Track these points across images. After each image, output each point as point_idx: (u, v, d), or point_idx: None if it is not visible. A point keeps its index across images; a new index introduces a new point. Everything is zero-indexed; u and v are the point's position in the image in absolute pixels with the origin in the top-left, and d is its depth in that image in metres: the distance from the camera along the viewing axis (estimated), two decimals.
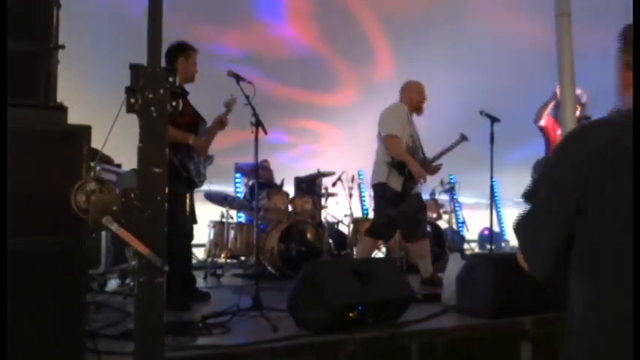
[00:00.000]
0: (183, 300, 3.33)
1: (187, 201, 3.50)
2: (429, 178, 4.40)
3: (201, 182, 3.59)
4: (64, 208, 1.62)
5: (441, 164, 4.37)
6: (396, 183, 4.10)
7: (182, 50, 3.47)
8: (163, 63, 3.55)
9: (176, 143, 3.31)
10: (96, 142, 2.24)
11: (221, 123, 3.57)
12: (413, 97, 4.29)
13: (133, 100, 1.62)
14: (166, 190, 1.61)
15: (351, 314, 2.49)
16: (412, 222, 4.18)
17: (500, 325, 2.78)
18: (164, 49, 3.45)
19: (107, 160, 4.58)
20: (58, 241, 1.71)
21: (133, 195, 1.56)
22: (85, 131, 1.88)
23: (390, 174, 4.09)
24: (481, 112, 4.49)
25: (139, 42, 1.68)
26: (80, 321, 1.84)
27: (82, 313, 1.88)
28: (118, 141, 2.08)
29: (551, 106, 4.81)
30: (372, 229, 4.35)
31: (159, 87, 1.62)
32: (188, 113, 3.42)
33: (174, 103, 1.68)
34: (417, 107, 4.31)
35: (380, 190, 4.24)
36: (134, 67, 1.62)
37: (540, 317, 2.87)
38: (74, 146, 1.88)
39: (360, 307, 2.50)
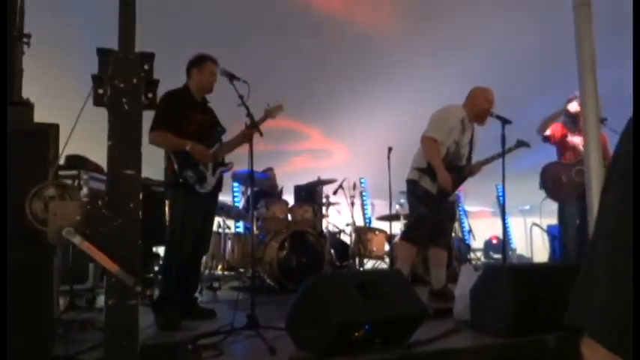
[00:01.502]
0: (175, 318, 3.08)
1: (192, 209, 3.28)
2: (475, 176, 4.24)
3: (206, 190, 3.40)
4: (22, 218, 1.38)
5: (481, 166, 4.12)
6: (430, 184, 3.94)
7: (196, 62, 3.52)
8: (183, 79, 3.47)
9: (177, 150, 3.30)
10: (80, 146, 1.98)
11: (245, 136, 3.40)
12: (478, 104, 4.06)
13: (101, 91, 1.39)
14: (140, 197, 1.37)
15: (356, 334, 2.23)
16: (437, 226, 4.02)
17: (521, 343, 2.52)
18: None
19: (96, 168, 4.35)
20: (16, 255, 1.46)
21: (100, 202, 1.32)
22: (52, 130, 1.65)
23: (422, 178, 3.98)
24: (491, 114, 4.25)
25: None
26: (44, 347, 1.59)
27: (47, 338, 1.63)
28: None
29: (560, 118, 4.62)
30: (406, 232, 4.19)
31: (132, 75, 1.39)
32: (195, 122, 3.41)
33: (150, 95, 1.45)
34: (479, 115, 4.07)
35: (410, 187, 4.08)
36: (102, 53, 1.38)
37: (565, 334, 2.61)
38: (41, 147, 1.65)
39: (366, 326, 2.25)
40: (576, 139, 4.66)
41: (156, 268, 4.54)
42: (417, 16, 7.02)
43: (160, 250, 4.03)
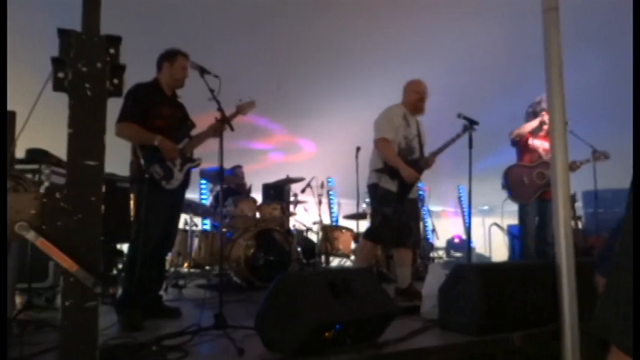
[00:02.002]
0: (138, 317, 2.97)
1: (158, 206, 3.16)
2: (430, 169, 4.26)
3: (172, 186, 3.29)
4: None
5: (435, 157, 4.15)
6: (389, 183, 4.01)
7: (167, 55, 3.43)
8: (154, 72, 3.36)
9: (145, 144, 3.19)
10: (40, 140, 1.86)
11: (213, 130, 3.35)
12: (410, 97, 4.24)
13: (61, 75, 1.29)
14: (103, 189, 1.28)
15: (327, 334, 2.19)
16: (403, 227, 4.04)
17: (489, 342, 2.53)
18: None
19: (58, 162, 4.16)
20: None
21: (58, 195, 1.23)
22: (8, 118, 1.53)
23: (382, 178, 4.04)
24: (459, 115, 4.28)
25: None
26: None
27: None
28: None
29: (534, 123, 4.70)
30: (370, 231, 4.18)
31: (96, 59, 1.29)
32: (163, 116, 3.32)
33: (116, 81, 1.36)
34: (415, 107, 4.21)
35: (372, 191, 4.13)
36: (63, 33, 1.29)
37: (530, 332, 2.65)
38: None
39: (337, 326, 2.20)
40: (537, 142, 4.77)
41: (120, 266, 4.38)
42: (384, 18, 7.04)
43: (124, 247, 3.88)
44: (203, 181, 7.53)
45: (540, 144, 4.74)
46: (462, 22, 7.02)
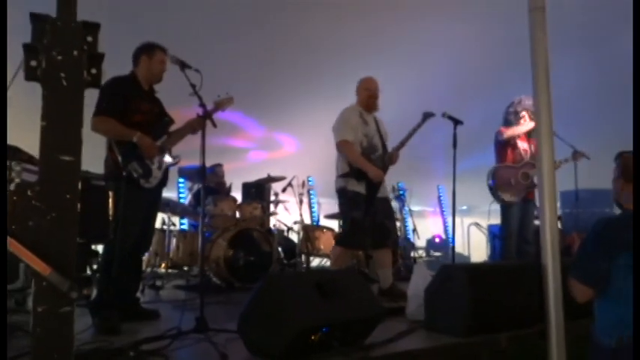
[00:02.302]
0: (115, 321, 2.85)
1: (136, 204, 3.05)
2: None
3: (151, 184, 3.18)
4: None
5: (398, 151, 4.15)
6: (357, 186, 3.96)
7: (145, 49, 3.31)
8: (130, 66, 3.20)
9: (122, 140, 3.06)
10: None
11: (192, 126, 3.27)
12: (362, 95, 4.22)
13: (34, 63, 1.19)
14: (79, 186, 1.19)
15: (313, 337, 2.12)
16: (380, 228, 4.00)
17: (476, 343, 2.50)
18: None
19: (30, 159, 4.00)
20: None
21: (30, 192, 1.14)
22: None
23: (349, 182, 3.99)
24: (443, 115, 4.28)
25: None
26: None
27: None
28: None
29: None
30: (341, 237, 4.17)
31: (72, 47, 1.20)
32: (142, 111, 3.19)
33: (93, 71, 1.27)
34: (367, 105, 4.19)
35: (341, 195, 4.08)
36: (37, 19, 1.19)
37: (516, 334, 2.63)
38: None
39: (324, 329, 2.14)
40: (519, 143, 4.77)
41: (94, 266, 4.24)
42: (367, 15, 7.01)
43: (99, 248, 3.75)
44: (181, 180, 7.38)
45: (520, 144, 4.75)
46: (445, 22, 7.04)
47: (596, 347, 1.96)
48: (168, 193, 6.42)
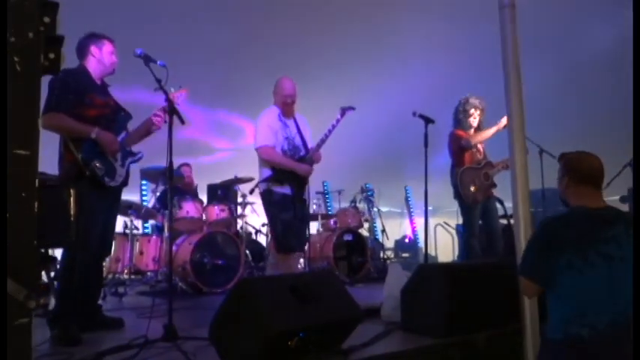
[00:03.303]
0: (75, 331, 2.68)
1: (98, 206, 2.88)
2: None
3: (116, 183, 3.01)
4: None
5: (319, 150, 4.04)
6: (282, 188, 3.88)
7: (92, 40, 3.08)
8: (76, 61, 2.98)
9: (79, 137, 2.85)
10: None
11: (152, 122, 3.08)
12: (277, 100, 4.09)
13: None
14: (36, 184, 1.07)
15: (290, 342, 2.03)
16: (294, 231, 3.90)
17: (453, 343, 2.46)
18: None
19: None
20: None
21: None
22: None
23: (272, 184, 3.88)
24: (414, 114, 4.25)
25: None
26: None
27: None
28: None
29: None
30: (279, 244, 3.93)
31: (27, 28, 1.08)
32: (97, 105, 2.98)
33: (52, 55, 1.14)
34: (283, 110, 4.04)
35: (266, 198, 3.95)
36: None
37: (493, 333, 2.61)
38: None
39: (300, 334, 2.05)
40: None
41: (52, 274, 4.00)
42: (339, 17, 6.99)
43: (57, 253, 3.53)
44: (144, 182, 7.14)
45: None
46: (417, 22, 7.07)
47: (545, 344, 2.01)
48: (130, 196, 6.19)
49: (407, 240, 9.55)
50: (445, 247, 8.98)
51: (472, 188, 4.53)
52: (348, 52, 7.33)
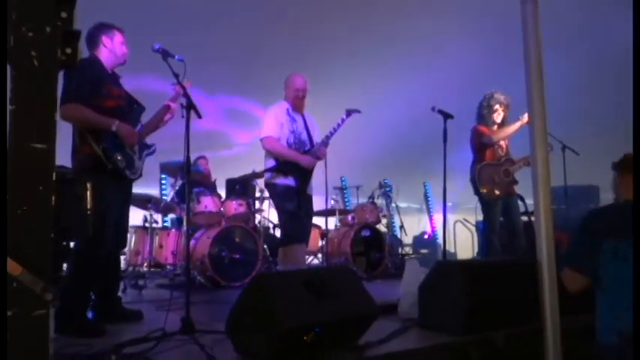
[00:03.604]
0: (96, 323, 2.72)
1: (112, 198, 2.90)
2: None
3: (135, 176, 3.03)
4: None
5: (324, 147, 4.07)
6: (285, 180, 3.90)
7: (103, 30, 3.05)
8: (86, 52, 2.97)
9: (99, 130, 2.82)
10: None
11: (168, 108, 3.15)
12: (289, 92, 4.13)
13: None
14: (54, 177, 1.08)
15: (305, 337, 2.03)
16: (298, 222, 3.92)
17: (471, 342, 2.43)
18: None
19: None
20: None
21: None
22: None
23: (276, 176, 3.93)
24: (433, 109, 4.21)
25: None
26: None
27: None
28: None
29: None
30: (287, 235, 3.97)
31: (44, 23, 1.09)
32: (114, 96, 2.96)
33: (68, 50, 1.15)
34: (294, 104, 4.09)
35: (271, 190, 4.03)
36: None
37: (513, 332, 2.57)
38: None
39: (316, 329, 2.05)
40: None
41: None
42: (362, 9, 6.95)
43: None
44: (163, 176, 7.22)
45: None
46: (438, 16, 6.99)
47: (600, 348, 1.93)
48: (150, 190, 6.27)
49: (426, 236, 9.47)
50: (465, 244, 8.90)
51: (488, 187, 4.48)
52: (368, 46, 7.29)
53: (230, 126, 8.37)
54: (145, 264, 5.45)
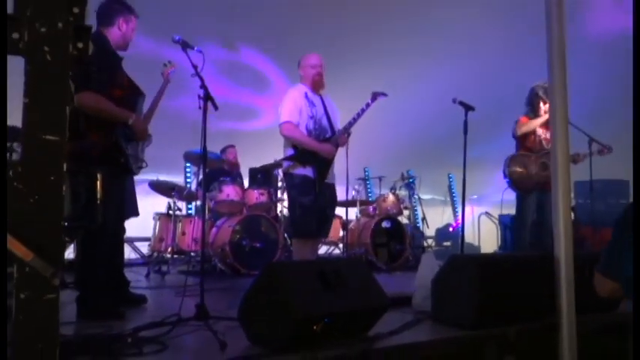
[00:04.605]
0: (115, 307, 2.80)
1: (123, 190, 2.97)
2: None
3: (139, 169, 3.05)
4: None
5: (346, 133, 3.89)
6: (304, 170, 3.73)
7: (123, 11, 2.96)
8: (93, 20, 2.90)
9: (113, 121, 2.79)
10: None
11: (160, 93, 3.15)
12: (307, 73, 3.91)
13: (16, 36, 1.12)
14: (64, 168, 1.12)
15: (315, 327, 2.06)
16: (321, 215, 3.77)
17: (483, 337, 2.43)
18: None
19: None
20: None
21: (12, 173, 1.07)
22: None
23: (294, 166, 3.76)
24: (454, 100, 4.16)
25: None
26: None
27: None
28: None
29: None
30: (296, 229, 3.83)
31: (57, 18, 1.13)
32: (122, 85, 2.89)
33: (80, 45, 1.19)
34: (313, 82, 3.89)
35: (288, 180, 3.86)
36: None
37: (526, 327, 2.55)
38: None
39: (326, 319, 2.08)
40: (540, 132, 4.62)
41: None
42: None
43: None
44: (188, 164, 7.34)
45: (542, 133, 4.60)
46: (462, 8, 6.88)
47: None
48: (174, 178, 6.38)
49: (451, 229, 9.37)
50: (489, 237, 8.79)
51: (515, 174, 4.40)
52: (391, 36, 7.22)
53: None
54: (169, 250, 5.57)
